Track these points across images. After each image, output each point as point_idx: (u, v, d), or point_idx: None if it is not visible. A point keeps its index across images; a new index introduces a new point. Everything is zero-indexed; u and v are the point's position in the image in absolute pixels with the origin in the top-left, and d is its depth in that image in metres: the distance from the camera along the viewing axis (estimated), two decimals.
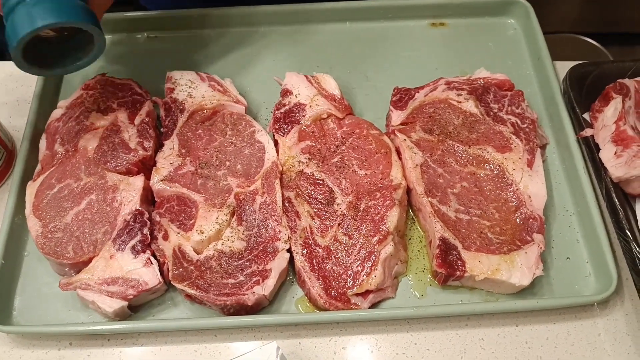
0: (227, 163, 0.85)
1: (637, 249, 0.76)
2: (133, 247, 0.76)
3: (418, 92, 0.91)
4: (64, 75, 0.99)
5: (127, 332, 0.75)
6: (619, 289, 0.79)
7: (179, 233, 0.78)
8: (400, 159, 0.85)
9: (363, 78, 0.99)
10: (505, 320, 0.77)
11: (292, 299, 0.78)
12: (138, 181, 0.82)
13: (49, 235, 0.78)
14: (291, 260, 0.78)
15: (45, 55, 0.75)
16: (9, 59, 1.04)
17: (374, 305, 0.77)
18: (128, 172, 0.83)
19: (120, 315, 0.75)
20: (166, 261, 0.76)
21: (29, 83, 0.98)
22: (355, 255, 0.77)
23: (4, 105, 0.97)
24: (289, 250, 0.77)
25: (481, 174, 0.83)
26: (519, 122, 0.87)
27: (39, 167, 0.85)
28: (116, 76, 0.93)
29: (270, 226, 0.79)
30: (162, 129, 0.89)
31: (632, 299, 0.78)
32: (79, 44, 0.76)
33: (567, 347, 0.75)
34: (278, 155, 0.85)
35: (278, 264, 0.76)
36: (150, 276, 0.75)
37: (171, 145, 0.86)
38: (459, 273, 0.75)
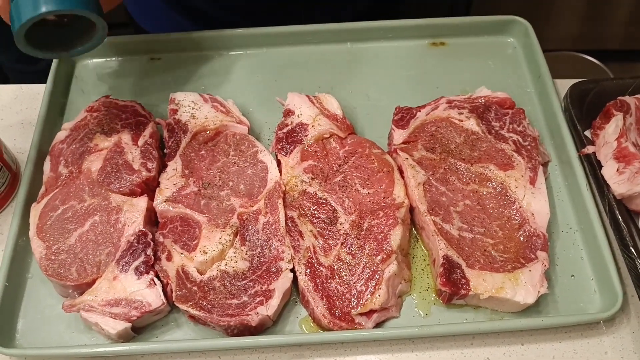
0: (230, 183, 0.85)
1: None
2: (136, 268, 0.76)
3: (419, 111, 0.92)
4: (67, 58, 0.99)
5: (131, 353, 0.75)
6: (625, 307, 0.78)
7: (182, 254, 0.78)
8: (402, 177, 0.85)
9: (364, 98, 1.00)
10: (511, 339, 0.76)
11: (296, 319, 0.78)
12: (141, 202, 0.82)
13: (53, 257, 0.78)
14: (295, 280, 0.78)
15: (49, 37, 0.76)
16: (13, 82, 1.06)
17: (378, 325, 0.76)
18: (131, 193, 0.83)
19: (123, 337, 0.75)
20: (169, 282, 0.76)
21: (33, 106, 0.99)
22: (359, 275, 0.76)
23: (8, 127, 0.98)
24: (293, 270, 0.77)
25: (484, 192, 0.83)
26: (520, 139, 0.88)
27: (43, 189, 0.85)
28: (120, 98, 0.94)
29: (274, 246, 0.78)
30: (165, 150, 0.89)
31: (638, 316, 0.78)
32: (82, 29, 0.76)
33: None
34: (281, 175, 0.86)
35: (281, 284, 0.76)
36: (153, 297, 0.75)
37: (174, 166, 0.86)
38: (463, 291, 0.74)
